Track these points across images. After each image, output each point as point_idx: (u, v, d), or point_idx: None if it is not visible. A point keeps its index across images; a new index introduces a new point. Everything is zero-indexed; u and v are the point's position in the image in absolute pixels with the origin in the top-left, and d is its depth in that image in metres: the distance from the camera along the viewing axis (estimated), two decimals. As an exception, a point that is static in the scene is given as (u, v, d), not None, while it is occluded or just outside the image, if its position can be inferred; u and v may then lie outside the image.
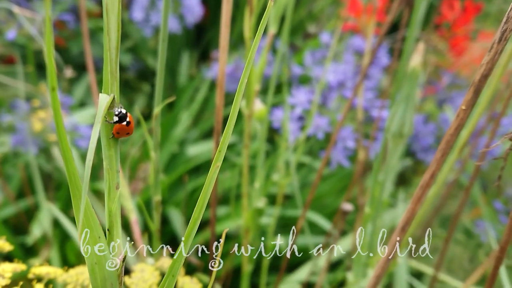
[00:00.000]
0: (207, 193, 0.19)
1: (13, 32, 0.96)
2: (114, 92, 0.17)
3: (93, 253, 0.18)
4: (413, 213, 0.26)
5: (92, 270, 0.19)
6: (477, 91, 0.23)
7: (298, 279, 0.80)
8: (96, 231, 0.17)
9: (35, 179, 0.94)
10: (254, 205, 0.58)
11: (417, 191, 0.26)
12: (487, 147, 0.70)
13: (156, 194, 0.41)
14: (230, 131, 0.18)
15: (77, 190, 0.15)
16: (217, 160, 0.19)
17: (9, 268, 0.32)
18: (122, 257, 0.20)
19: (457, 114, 0.24)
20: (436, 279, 0.66)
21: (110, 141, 0.19)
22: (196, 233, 1.04)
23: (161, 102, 0.36)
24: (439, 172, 0.27)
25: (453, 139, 0.24)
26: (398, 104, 0.41)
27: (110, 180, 0.19)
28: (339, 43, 1.07)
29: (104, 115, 0.18)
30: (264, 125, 0.57)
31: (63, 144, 0.14)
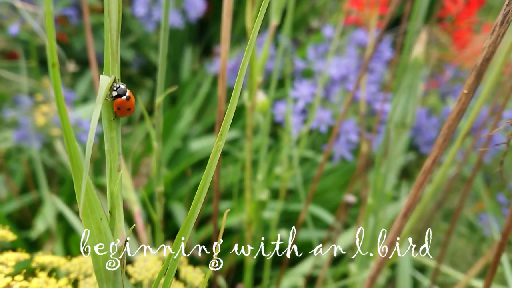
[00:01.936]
0: (209, 175, 0.19)
1: (15, 26, 0.97)
2: (115, 74, 0.17)
3: (95, 233, 0.18)
4: (415, 199, 0.26)
5: (94, 252, 0.19)
6: (479, 75, 0.23)
7: (301, 272, 0.80)
8: (97, 213, 0.18)
9: (38, 174, 0.94)
10: (257, 198, 0.58)
11: (419, 177, 0.26)
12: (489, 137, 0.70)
13: (158, 185, 0.41)
14: (232, 113, 0.18)
15: (78, 170, 0.16)
16: (219, 140, 0.19)
17: (13, 257, 0.32)
18: (124, 240, 0.20)
19: (459, 98, 0.24)
20: (438, 271, 0.65)
21: (111, 123, 0.19)
22: (199, 227, 1.04)
23: (163, 92, 0.36)
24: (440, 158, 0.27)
25: (455, 124, 0.24)
26: (401, 94, 0.41)
27: (111, 161, 0.19)
28: (342, 37, 1.07)
29: (105, 96, 0.18)
30: (267, 117, 0.57)
31: (63, 119, 0.14)
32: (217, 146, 0.18)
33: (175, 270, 0.21)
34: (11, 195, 1.02)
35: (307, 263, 0.83)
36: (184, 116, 1.22)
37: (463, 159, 0.73)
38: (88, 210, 0.17)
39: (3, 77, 1.11)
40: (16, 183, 1.06)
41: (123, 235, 0.20)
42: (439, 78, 1.05)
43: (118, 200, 0.19)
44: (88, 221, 0.18)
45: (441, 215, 0.97)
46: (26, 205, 1.01)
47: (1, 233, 0.35)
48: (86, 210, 0.17)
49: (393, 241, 0.28)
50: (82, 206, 0.16)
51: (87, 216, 0.17)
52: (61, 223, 0.95)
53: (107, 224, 0.18)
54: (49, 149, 1.11)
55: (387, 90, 0.82)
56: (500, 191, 0.95)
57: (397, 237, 0.28)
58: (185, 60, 1.41)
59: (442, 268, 0.69)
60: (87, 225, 0.18)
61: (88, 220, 0.17)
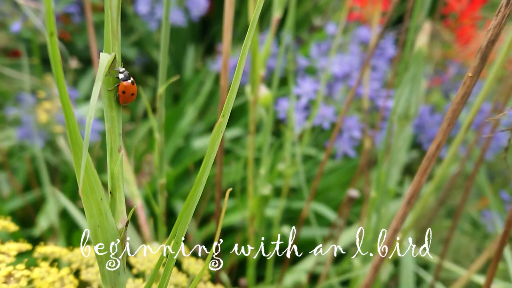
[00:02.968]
0: (212, 155, 0.18)
1: (18, 24, 0.97)
2: (115, 52, 0.17)
3: (95, 214, 0.18)
4: (419, 185, 0.26)
5: (94, 233, 0.18)
6: (484, 57, 0.22)
7: (304, 268, 0.80)
8: (98, 193, 0.17)
9: (41, 171, 0.94)
10: (260, 193, 0.58)
11: (423, 163, 0.26)
12: (492, 133, 0.69)
13: (161, 178, 0.40)
14: (235, 91, 0.18)
15: (77, 147, 0.15)
16: (222, 117, 0.19)
17: (14, 247, 0.32)
18: (125, 222, 0.20)
19: (463, 82, 0.24)
20: (441, 267, 0.65)
21: (112, 102, 0.18)
22: (201, 225, 1.04)
23: (164, 83, 0.36)
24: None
25: (460, 108, 0.24)
26: (404, 86, 0.41)
27: (111, 141, 0.19)
28: (346, 34, 1.06)
29: (105, 74, 0.17)
30: (270, 112, 0.57)
31: (61, 90, 0.14)
32: (220, 123, 0.18)
33: (175, 255, 0.21)
34: (14, 192, 1.02)
35: (310, 260, 0.83)
36: (186, 114, 1.22)
37: (465, 155, 0.73)
38: (88, 189, 0.17)
39: (6, 75, 1.11)
40: (19, 181, 1.06)
41: (124, 217, 0.20)
42: (442, 75, 1.05)
43: (119, 181, 0.19)
44: (88, 201, 0.17)
45: (444, 212, 0.97)
46: (29, 203, 1.01)
47: (2, 224, 0.35)
48: (86, 189, 0.17)
49: (397, 228, 0.28)
50: (81, 184, 0.15)
51: (87, 196, 0.17)
52: (64, 220, 0.95)
53: (107, 205, 0.18)
54: (52, 147, 1.11)
55: (390, 87, 0.82)
56: (504, 188, 0.94)
57: (400, 225, 0.27)
58: (188, 59, 1.41)
59: (445, 265, 0.69)
60: (87, 205, 0.18)
61: (88, 200, 0.17)
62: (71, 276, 0.31)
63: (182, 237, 0.20)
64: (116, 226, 0.19)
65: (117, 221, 0.20)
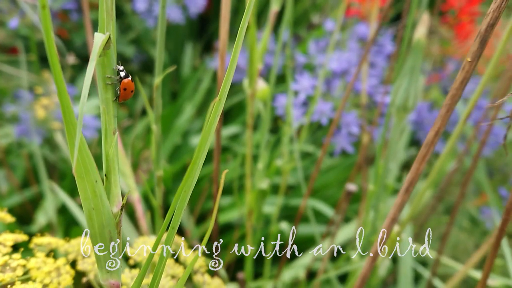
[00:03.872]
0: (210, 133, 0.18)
1: (15, 20, 0.96)
2: (110, 31, 0.17)
3: (90, 196, 0.18)
4: (417, 173, 0.26)
5: (89, 216, 0.18)
6: (483, 42, 0.22)
7: (302, 264, 0.79)
8: (92, 174, 0.17)
9: (39, 168, 0.94)
10: (258, 187, 0.58)
11: (421, 150, 0.26)
12: (488, 131, 0.69)
13: (158, 170, 0.40)
14: (232, 70, 0.18)
15: (71, 126, 0.15)
16: (220, 98, 0.18)
17: (10, 237, 0.32)
18: (121, 205, 0.20)
19: (462, 67, 0.23)
20: (438, 263, 0.65)
21: (106, 84, 0.18)
22: (199, 223, 1.04)
23: (161, 73, 0.36)
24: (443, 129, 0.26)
25: (459, 93, 0.24)
26: (402, 77, 0.41)
27: (106, 123, 0.18)
28: (344, 31, 1.06)
29: (99, 54, 0.17)
30: (268, 106, 0.57)
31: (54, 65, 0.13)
32: (218, 103, 0.18)
33: (171, 243, 0.21)
34: (12, 189, 1.01)
35: (308, 256, 0.83)
36: (184, 111, 1.21)
37: (464, 150, 0.73)
38: (82, 170, 0.17)
39: (4, 72, 1.11)
40: (17, 178, 1.05)
41: (119, 201, 0.20)
42: (441, 72, 1.05)
43: (114, 164, 0.19)
44: (83, 183, 0.17)
45: (443, 208, 0.97)
46: (27, 200, 1.00)
47: None
48: (80, 170, 0.17)
49: (394, 217, 0.27)
50: (75, 164, 0.15)
51: (81, 178, 0.17)
52: (62, 217, 0.94)
53: (102, 188, 0.18)
54: (50, 144, 1.10)
55: (388, 83, 0.82)
56: (503, 185, 0.94)
57: (398, 213, 0.27)
58: (186, 56, 1.41)
59: (443, 260, 0.69)
60: (82, 187, 0.17)
61: (83, 182, 0.17)
62: (67, 266, 0.31)
63: (178, 222, 0.20)
64: (111, 209, 0.19)
65: (112, 205, 0.19)
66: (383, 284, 0.83)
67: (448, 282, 0.65)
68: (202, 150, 0.18)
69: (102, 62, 0.17)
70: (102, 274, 0.20)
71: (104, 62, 0.17)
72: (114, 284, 0.20)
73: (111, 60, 0.17)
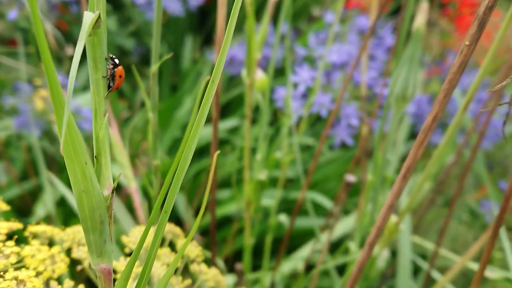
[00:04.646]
0: (208, 101, 0.18)
1: (14, 12, 0.96)
2: (100, 10, 0.17)
3: (80, 179, 0.17)
4: (415, 158, 0.25)
5: (79, 199, 0.18)
6: (481, 25, 0.22)
7: (301, 256, 0.79)
8: (82, 156, 0.17)
9: (38, 161, 0.94)
10: (256, 178, 0.58)
11: (419, 135, 0.25)
12: (487, 122, 0.69)
13: (154, 158, 0.40)
14: (232, 28, 0.17)
15: (59, 103, 0.15)
16: (213, 78, 0.18)
17: (5, 225, 0.32)
18: (112, 188, 0.19)
19: (460, 50, 0.23)
20: (437, 254, 0.65)
21: (97, 64, 0.18)
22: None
23: (157, 60, 0.35)
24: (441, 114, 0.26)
25: (457, 77, 0.23)
26: (402, 66, 0.40)
27: (96, 104, 0.18)
28: (344, 23, 1.06)
29: (89, 33, 0.17)
30: (266, 96, 0.57)
31: (39, 37, 0.13)
32: (211, 84, 0.18)
33: (163, 227, 0.20)
34: (11, 181, 1.01)
35: (306, 248, 0.83)
36: (184, 104, 1.21)
37: (463, 142, 0.73)
38: (71, 151, 0.16)
39: (3, 64, 1.11)
40: (16, 171, 1.05)
41: (110, 183, 0.19)
42: (441, 65, 1.04)
43: (105, 146, 0.18)
44: (72, 165, 0.17)
45: (442, 201, 0.96)
46: (26, 192, 1.00)
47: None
48: (69, 151, 0.16)
49: (392, 204, 0.27)
50: (63, 143, 0.15)
51: (70, 159, 0.17)
52: (61, 209, 0.94)
53: (92, 170, 0.17)
54: (49, 137, 1.10)
55: (388, 75, 0.81)
56: (502, 178, 0.94)
57: (396, 200, 0.27)
58: (186, 49, 1.40)
59: (441, 252, 0.69)
60: (71, 169, 0.17)
61: (72, 163, 0.17)
62: (62, 254, 0.31)
63: (170, 206, 0.20)
64: (102, 192, 0.19)
65: (103, 188, 0.19)
66: (382, 277, 0.83)
67: (446, 274, 0.65)
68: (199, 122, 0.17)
69: (92, 41, 0.17)
70: (93, 258, 0.20)
71: (94, 41, 0.17)
72: (105, 268, 0.20)
73: (102, 39, 0.17)
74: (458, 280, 0.88)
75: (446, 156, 0.78)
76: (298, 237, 1.00)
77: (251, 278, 0.71)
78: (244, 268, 0.66)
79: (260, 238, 0.91)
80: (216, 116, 0.46)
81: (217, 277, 0.36)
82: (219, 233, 1.05)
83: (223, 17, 0.37)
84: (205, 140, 1.14)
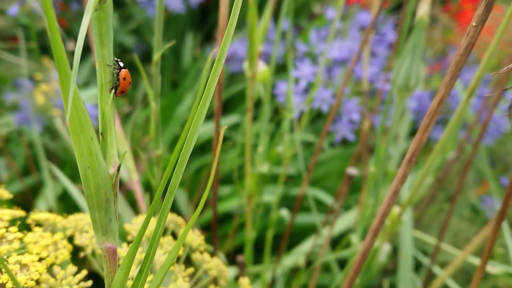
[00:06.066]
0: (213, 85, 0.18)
1: (15, 7, 0.96)
2: (106, -16, 0.16)
3: (85, 154, 0.17)
4: (420, 143, 0.25)
5: (85, 176, 0.18)
6: (489, 5, 0.22)
7: (302, 251, 0.79)
8: (88, 131, 0.17)
9: (39, 156, 0.93)
10: (258, 170, 0.58)
11: (424, 120, 0.25)
12: (489, 117, 0.68)
13: (156, 149, 0.40)
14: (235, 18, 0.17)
15: (65, 77, 0.15)
16: (219, 57, 0.18)
17: (8, 212, 0.32)
18: (117, 166, 0.19)
19: (467, 32, 0.23)
20: (438, 249, 0.65)
21: (103, 39, 0.18)
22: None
23: (161, 47, 0.35)
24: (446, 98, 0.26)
25: (463, 60, 0.23)
26: (405, 56, 0.40)
27: (102, 79, 0.18)
28: (346, 20, 1.06)
29: (95, 8, 0.17)
30: (268, 89, 0.57)
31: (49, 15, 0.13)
32: (219, 57, 0.18)
33: (168, 209, 0.20)
34: (12, 177, 1.01)
35: (307, 243, 0.83)
36: (185, 101, 1.21)
37: (465, 137, 0.72)
38: (77, 126, 0.16)
39: (4, 61, 1.10)
40: (18, 166, 1.05)
41: (115, 161, 0.19)
42: (442, 61, 1.04)
43: (111, 123, 0.18)
44: (78, 140, 0.17)
45: (444, 197, 0.96)
46: (28, 187, 1.00)
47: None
48: (75, 125, 0.16)
49: (397, 189, 0.27)
50: (69, 118, 0.15)
51: (76, 134, 0.17)
52: (62, 204, 0.94)
53: (98, 146, 0.17)
54: (50, 133, 1.10)
55: (388, 71, 0.81)
56: (504, 174, 0.94)
57: (400, 185, 0.27)
58: (187, 46, 1.40)
59: (443, 247, 0.69)
60: (77, 145, 0.17)
61: (78, 138, 0.17)
62: (65, 241, 0.31)
63: (176, 186, 0.20)
64: (108, 170, 0.19)
65: (108, 165, 0.19)
66: (383, 272, 0.83)
67: (447, 269, 0.65)
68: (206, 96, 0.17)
69: (98, 16, 0.17)
70: (98, 237, 0.20)
71: (100, 16, 0.17)
72: (110, 247, 0.20)
73: (108, 14, 0.17)
74: (458, 277, 0.88)
75: (448, 151, 0.78)
76: (298, 234, 1.00)
77: (253, 271, 0.71)
78: (245, 261, 0.66)
79: (261, 233, 0.91)
80: (218, 110, 0.46)
81: (220, 267, 0.36)
82: (220, 229, 1.05)
83: (226, 7, 0.37)
84: (206, 137, 1.14)
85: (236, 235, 0.99)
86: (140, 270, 0.20)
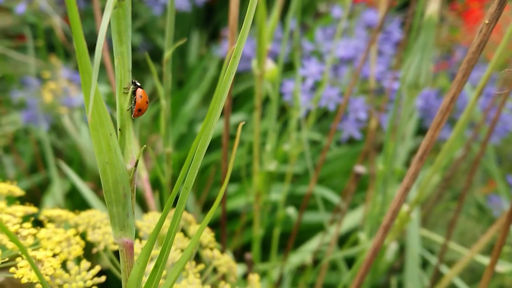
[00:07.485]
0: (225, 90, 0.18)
1: (22, 6, 0.96)
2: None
3: (104, 150, 0.17)
4: (432, 140, 0.25)
5: (103, 171, 0.18)
6: (502, 2, 0.22)
7: (309, 249, 0.79)
8: (107, 127, 0.17)
9: (47, 154, 0.94)
10: (265, 168, 0.58)
11: (436, 117, 0.25)
12: (497, 116, 0.68)
13: (167, 146, 0.40)
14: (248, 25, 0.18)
15: (86, 73, 0.15)
16: (236, 54, 0.18)
17: (21, 208, 0.32)
18: (135, 162, 0.19)
19: (479, 30, 0.23)
20: (446, 248, 0.65)
21: (121, 37, 0.18)
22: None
23: (171, 45, 0.36)
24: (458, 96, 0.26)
25: (476, 57, 0.23)
26: (414, 54, 0.40)
27: (121, 76, 0.18)
28: (352, 18, 1.06)
29: (115, 5, 0.17)
30: (276, 87, 0.57)
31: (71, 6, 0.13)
32: (233, 52, 0.18)
33: (184, 204, 0.20)
34: (20, 174, 1.02)
35: (314, 242, 0.83)
36: (190, 99, 1.21)
37: (472, 136, 0.72)
38: (97, 122, 0.17)
39: (11, 59, 1.11)
40: (25, 164, 1.06)
41: (133, 157, 0.19)
42: (449, 59, 1.04)
43: (129, 119, 0.19)
44: (97, 135, 0.17)
45: (451, 196, 0.96)
46: (35, 185, 1.01)
47: (8, 188, 0.35)
48: (95, 121, 0.16)
49: (408, 186, 0.27)
50: (90, 115, 0.15)
51: (95, 130, 0.17)
52: (69, 201, 0.95)
53: (117, 141, 0.18)
54: (56, 131, 1.11)
55: (396, 69, 0.81)
56: (511, 173, 0.94)
57: (412, 183, 0.27)
58: (192, 45, 1.41)
59: (450, 246, 0.69)
60: (96, 140, 0.17)
61: (97, 134, 0.17)
62: (77, 237, 0.31)
63: (191, 182, 0.20)
64: (125, 165, 0.19)
65: (126, 161, 0.19)
66: (390, 271, 0.83)
67: (454, 267, 0.65)
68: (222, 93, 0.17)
69: (117, 14, 0.17)
70: (116, 232, 0.20)
71: (119, 13, 0.17)
72: (127, 242, 0.20)
73: (126, 12, 0.17)
74: (465, 275, 0.88)
75: (455, 150, 0.78)
76: (305, 232, 1.00)
77: (260, 269, 0.72)
78: (253, 258, 0.66)
79: (268, 231, 0.91)
80: (228, 108, 0.46)
81: (230, 263, 0.37)
82: (227, 227, 1.06)
83: (236, 6, 0.37)
84: (213, 135, 1.15)
85: (243, 233, 0.99)
86: (156, 265, 0.21)
